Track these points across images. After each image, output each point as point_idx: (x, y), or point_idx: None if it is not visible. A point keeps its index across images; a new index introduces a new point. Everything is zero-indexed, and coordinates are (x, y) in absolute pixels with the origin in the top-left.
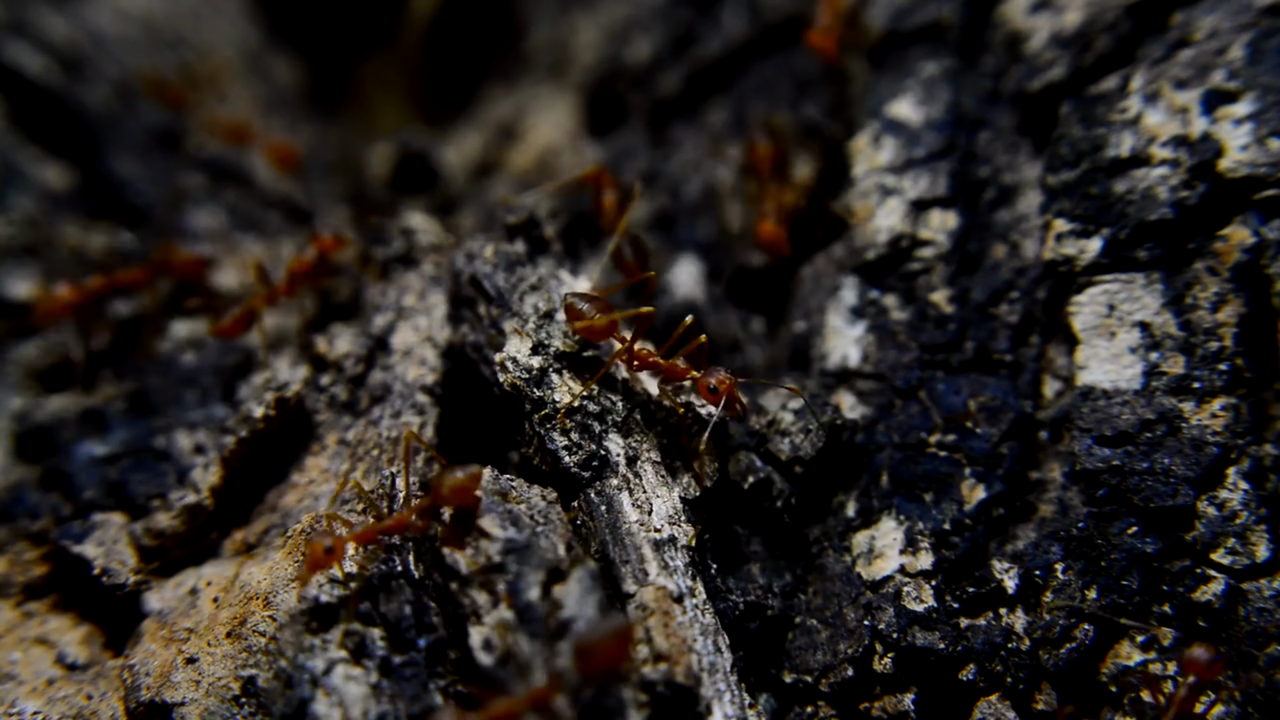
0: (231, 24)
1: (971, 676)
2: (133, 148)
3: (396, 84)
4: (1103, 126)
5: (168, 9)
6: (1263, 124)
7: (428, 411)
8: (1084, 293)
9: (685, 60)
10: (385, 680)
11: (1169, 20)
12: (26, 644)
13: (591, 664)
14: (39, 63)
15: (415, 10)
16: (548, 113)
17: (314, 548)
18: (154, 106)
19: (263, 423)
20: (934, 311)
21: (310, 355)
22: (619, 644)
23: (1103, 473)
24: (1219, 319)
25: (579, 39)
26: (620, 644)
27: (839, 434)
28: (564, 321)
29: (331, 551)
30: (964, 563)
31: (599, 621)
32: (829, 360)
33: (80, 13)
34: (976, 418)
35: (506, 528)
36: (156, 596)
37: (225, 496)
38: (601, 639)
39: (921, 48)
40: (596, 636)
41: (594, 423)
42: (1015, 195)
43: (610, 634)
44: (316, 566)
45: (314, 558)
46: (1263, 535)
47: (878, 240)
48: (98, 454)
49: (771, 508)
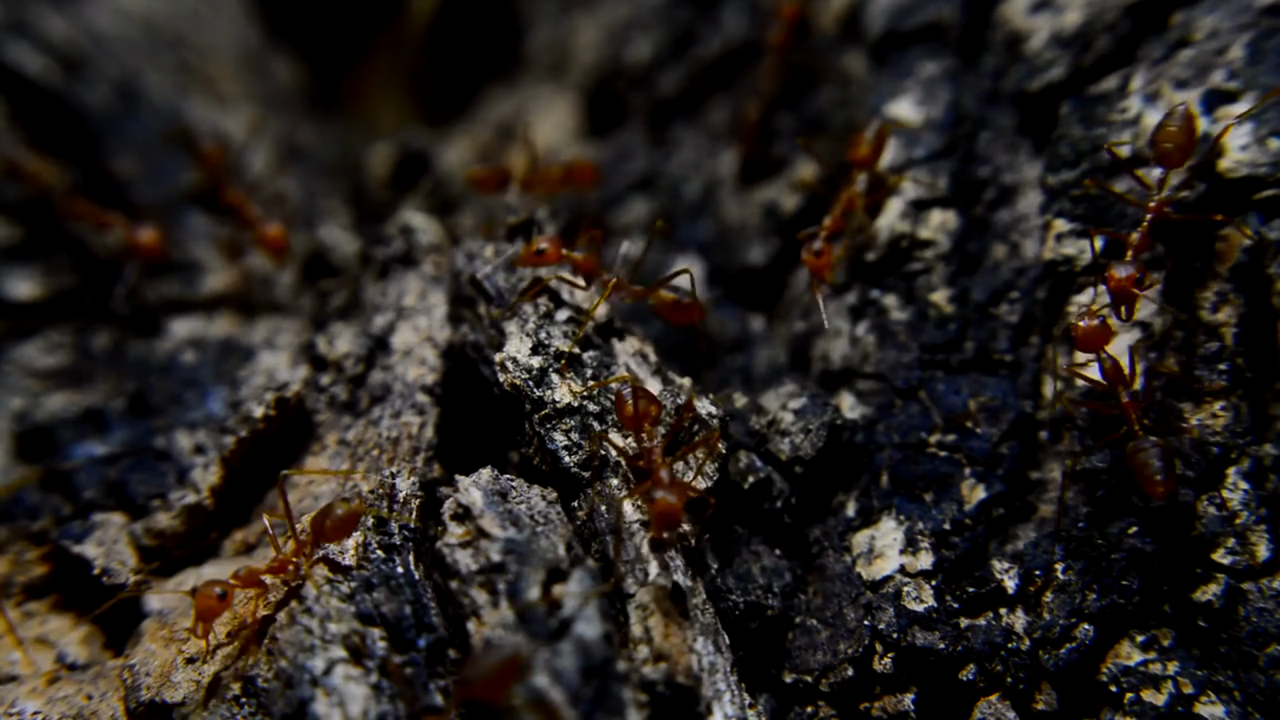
0: (231, 24)
1: (971, 676)
2: (133, 148)
3: (396, 84)
4: (1103, 126)
5: (168, 9)
6: (1263, 124)
7: (428, 411)
8: (1084, 293)
9: (685, 60)
10: (385, 680)
11: (1169, 20)
12: (26, 644)
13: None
14: (39, 63)
15: (415, 10)
16: (548, 113)
17: (204, 598)
18: (189, 169)
19: (263, 423)
20: (934, 311)
21: (310, 355)
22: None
23: (1103, 473)
24: (1219, 319)
25: (579, 39)
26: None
27: (839, 434)
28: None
29: (224, 598)
30: (964, 563)
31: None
32: (829, 360)
33: (80, 13)
34: (976, 418)
35: (506, 528)
36: (156, 596)
37: (225, 496)
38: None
39: (921, 48)
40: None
41: (594, 423)
42: (1015, 195)
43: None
44: (210, 615)
45: (205, 608)
46: (1263, 535)
47: (878, 240)
48: (98, 454)
49: (771, 508)
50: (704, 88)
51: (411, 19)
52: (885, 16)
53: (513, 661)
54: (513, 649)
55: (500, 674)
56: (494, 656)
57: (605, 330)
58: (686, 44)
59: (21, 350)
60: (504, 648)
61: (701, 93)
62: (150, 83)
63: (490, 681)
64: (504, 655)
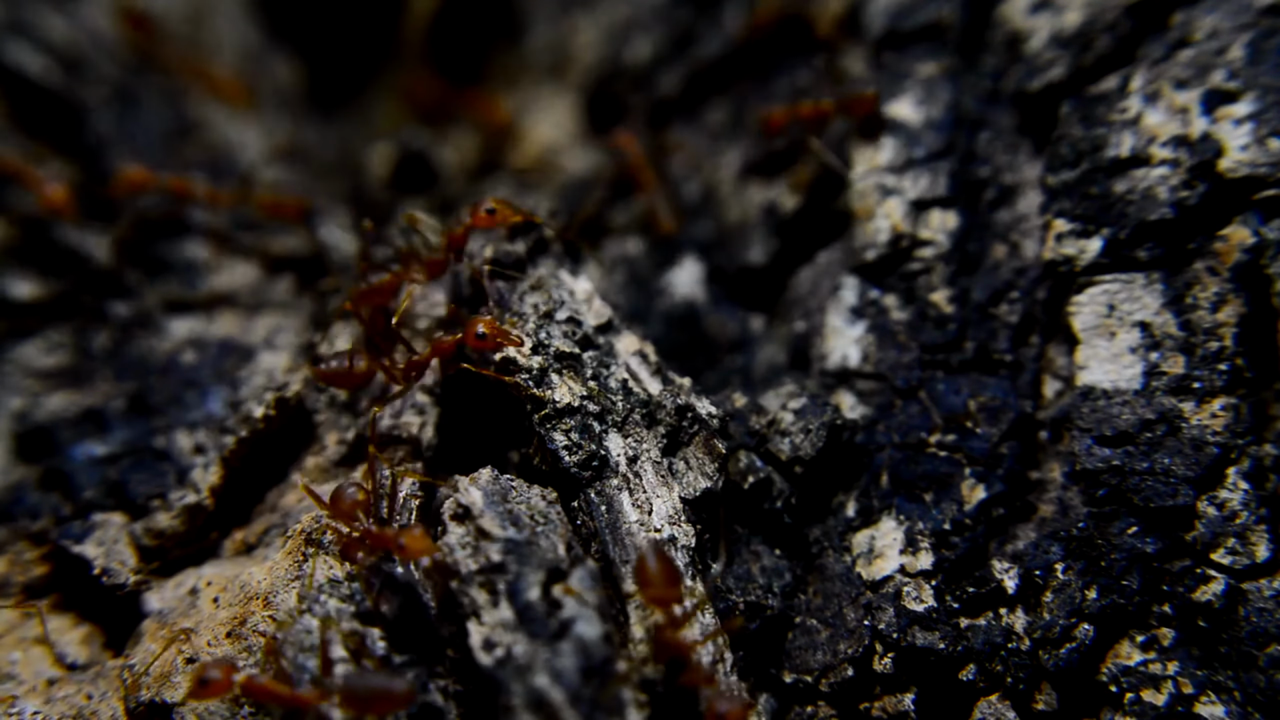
0: (231, 24)
1: (971, 676)
2: (133, 148)
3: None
4: (1103, 126)
5: (168, 9)
6: (1263, 124)
7: (428, 411)
8: (1084, 293)
9: (685, 60)
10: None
11: (1169, 20)
12: (26, 644)
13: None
14: (39, 63)
15: (415, 10)
16: (548, 113)
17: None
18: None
19: (263, 423)
20: (934, 311)
21: (310, 355)
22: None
23: (1103, 473)
24: (1219, 319)
25: (579, 39)
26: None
27: (839, 434)
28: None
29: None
30: (964, 563)
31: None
32: (829, 360)
33: (80, 13)
34: (976, 418)
35: (506, 528)
36: (156, 596)
37: (225, 496)
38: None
39: (921, 48)
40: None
41: (594, 423)
42: (1015, 195)
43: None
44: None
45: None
46: (1263, 535)
47: (878, 240)
48: (98, 454)
49: (771, 508)
50: (704, 88)
51: (411, 19)
52: (885, 16)
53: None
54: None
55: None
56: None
57: (605, 330)
58: (686, 44)
59: (21, 350)
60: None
61: (701, 93)
62: (150, 82)
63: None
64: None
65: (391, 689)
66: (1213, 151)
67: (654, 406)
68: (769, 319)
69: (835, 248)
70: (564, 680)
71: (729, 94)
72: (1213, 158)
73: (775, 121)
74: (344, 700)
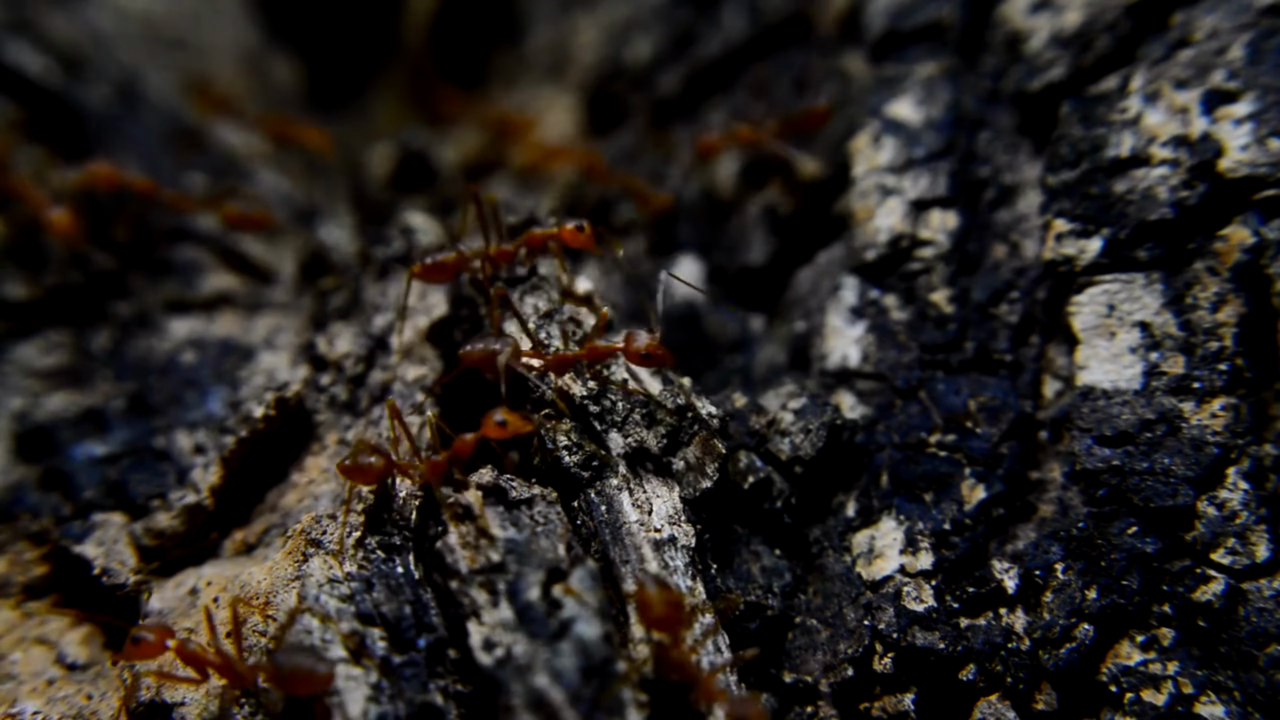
0: (231, 24)
1: (971, 676)
2: (133, 148)
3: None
4: (1103, 126)
5: (168, 9)
6: (1263, 124)
7: (428, 411)
8: (1084, 293)
9: (685, 60)
10: (385, 680)
11: (1169, 20)
12: (26, 644)
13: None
14: (39, 63)
15: (415, 10)
16: (548, 113)
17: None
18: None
19: (263, 423)
20: (934, 311)
21: (310, 355)
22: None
23: (1103, 473)
24: (1219, 319)
25: (579, 39)
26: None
27: (839, 434)
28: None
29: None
30: (964, 563)
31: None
32: (829, 360)
33: (80, 13)
34: (976, 418)
35: (506, 528)
36: (156, 596)
37: (225, 496)
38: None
39: (921, 48)
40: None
41: (594, 423)
42: (1015, 195)
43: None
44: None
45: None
46: (1263, 535)
47: (878, 240)
48: (98, 454)
49: (771, 508)
50: (704, 88)
51: (412, 19)
52: (885, 16)
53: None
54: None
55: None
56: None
57: (605, 330)
58: (686, 44)
59: (21, 350)
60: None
61: (701, 93)
62: (150, 83)
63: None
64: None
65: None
66: (1213, 151)
67: (654, 406)
68: (769, 319)
69: (835, 248)
70: (564, 680)
71: (729, 94)
72: (1213, 158)
73: (710, 147)
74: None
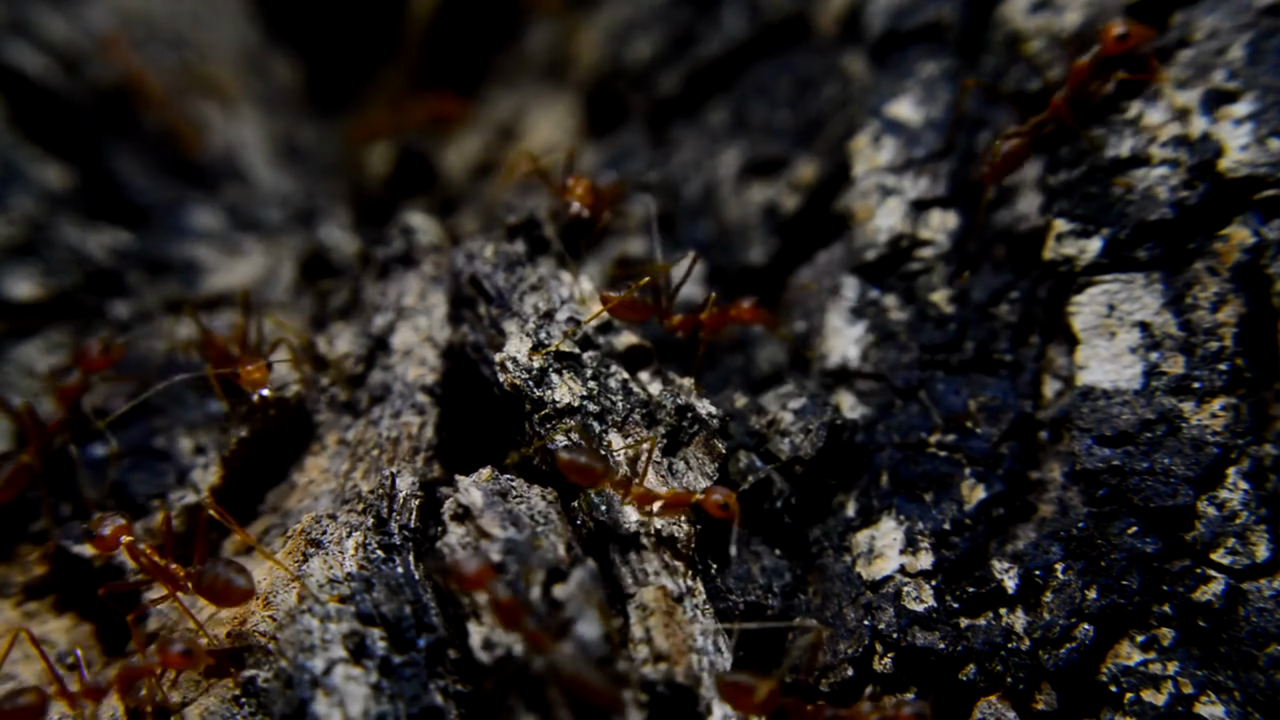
0: (231, 24)
1: (971, 676)
2: (133, 147)
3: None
4: (1103, 126)
5: (168, 9)
6: (1263, 124)
7: (428, 411)
8: (1084, 293)
9: (685, 60)
10: (385, 680)
11: (1169, 20)
12: (26, 644)
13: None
14: (39, 63)
15: (415, 10)
16: (548, 113)
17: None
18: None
19: (262, 423)
20: (934, 311)
21: (310, 355)
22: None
23: (1103, 473)
24: (1219, 319)
25: (579, 39)
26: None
27: (839, 434)
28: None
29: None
30: (964, 563)
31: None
32: (829, 360)
33: (80, 13)
34: (976, 418)
35: (506, 528)
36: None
37: (225, 496)
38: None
39: (921, 48)
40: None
41: (594, 423)
42: (1015, 195)
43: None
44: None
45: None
46: (1263, 535)
47: (878, 240)
48: (98, 454)
49: (771, 508)
50: (704, 88)
51: (412, 19)
52: (885, 16)
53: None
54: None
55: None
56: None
57: (605, 330)
58: (686, 44)
59: (21, 350)
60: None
61: (701, 93)
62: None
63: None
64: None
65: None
66: (1213, 151)
67: (654, 406)
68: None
69: (835, 248)
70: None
71: (729, 94)
72: (1213, 158)
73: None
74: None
